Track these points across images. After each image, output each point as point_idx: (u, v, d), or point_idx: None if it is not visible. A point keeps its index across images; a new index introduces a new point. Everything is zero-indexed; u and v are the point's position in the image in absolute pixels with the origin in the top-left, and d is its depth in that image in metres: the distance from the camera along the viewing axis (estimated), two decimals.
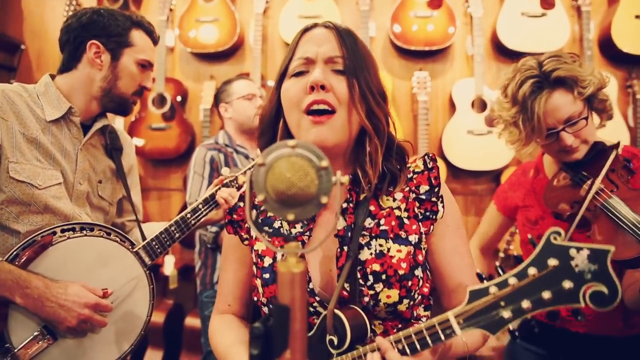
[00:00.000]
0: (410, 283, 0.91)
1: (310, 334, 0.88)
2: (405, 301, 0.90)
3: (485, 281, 0.73)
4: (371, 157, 0.94)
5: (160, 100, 3.08)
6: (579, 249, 0.66)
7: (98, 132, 1.46)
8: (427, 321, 0.77)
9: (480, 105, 2.94)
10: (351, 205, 0.97)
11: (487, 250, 1.79)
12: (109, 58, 1.38)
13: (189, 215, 1.49)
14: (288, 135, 0.97)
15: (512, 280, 0.69)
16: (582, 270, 0.66)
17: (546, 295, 0.67)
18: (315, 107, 0.89)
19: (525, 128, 1.39)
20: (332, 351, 0.84)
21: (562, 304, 0.67)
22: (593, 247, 0.65)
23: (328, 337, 0.83)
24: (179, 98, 3.14)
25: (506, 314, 0.69)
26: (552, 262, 0.67)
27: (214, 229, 2.06)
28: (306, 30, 0.98)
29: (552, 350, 1.53)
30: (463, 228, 1.04)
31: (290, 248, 0.46)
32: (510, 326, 1.31)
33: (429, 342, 0.75)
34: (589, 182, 1.35)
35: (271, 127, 0.99)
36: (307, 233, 0.97)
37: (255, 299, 1.00)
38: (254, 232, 1.04)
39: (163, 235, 1.44)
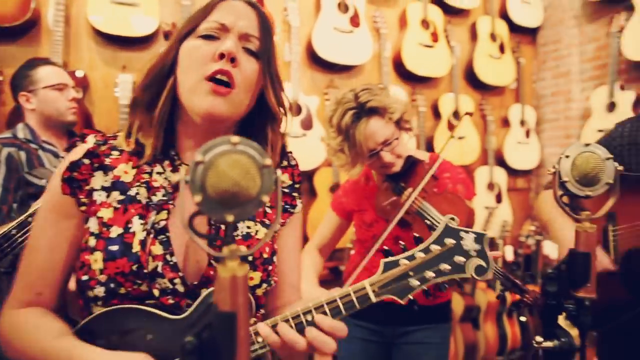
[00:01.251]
0: (270, 268, 0.94)
1: (184, 315, 0.82)
2: (264, 285, 0.92)
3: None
4: (273, 148, 0.95)
5: None
6: (467, 232, 0.81)
7: None
8: (341, 290, 0.81)
9: (296, 109, 3.11)
10: (174, 174, 0.93)
11: (325, 250, 1.95)
12: None
13: (14, 232, 1.17)
14: (174, 95, 0.90)
15: (419, 254, 0.82)
16: (469, 249, 0.83)
17: (444, 267, 0.82)
18: (219, 76, 0.84)
19: (350, 153, 1.61)
20: None
21: (455, 274, 0.82)
22: (477, 232, 0.81)
23: None
24: None
25: (413, 282, 0.82)
26: (449, 241, 0.82)
27: None
28: None
29: (379, 322, 1.79)
30: (301, 230, 1.10)
31: (231, 250, 0.44)
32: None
33: (342, 310, 0.80)
34: (407, 190, 1.61)
35: (158, 83, 0.89)
36: (172, 201, 0.89)
37: (85, 277, 0.84)
38: (98, 199, 0.89)
39: None
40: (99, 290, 0.83)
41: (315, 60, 3.27)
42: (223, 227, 0.91)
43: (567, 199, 0.73)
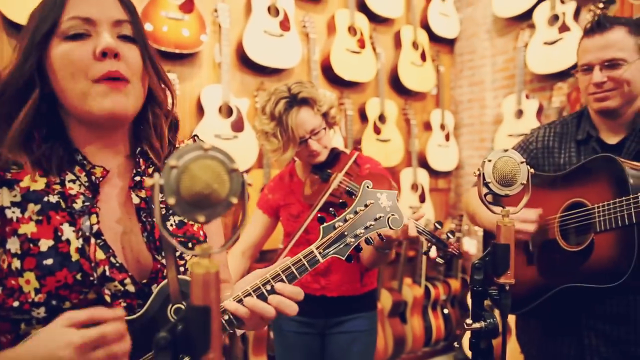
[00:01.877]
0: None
1: (139, 313, 0.82)
2: None
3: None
4: (157, 129, 0.94)
5: None
6: (381, 193, 0.97)
7: None
8: (292, 258, 0.90)
9: (227, 111, 3.10)
10: (144, 178, 0.93)
11: (253, 252, 2.02)
12: None
13: None
14: (49, 107, 0.84)
15: (349, 216, 0.96)
16: (385, 206, 0.99)
17: (369, 223, 0.97)
18: (108, 77, 0.82)
19: (282, 138, 1.73)
20: None
21: (378, 227, 0.96)
22: (388, 191, 0.98)
23: (173, 307, 0.81)
24: None
25: (349, 240, 0.95)
26: (369, 202, 0.98)
27: None
28: None
29: (312, 315, 1.89)
30: None
31: (203, 249, 0.46)
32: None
33: (297, 275, 0.90)
34: (334, 175, 1.75)
35: (22, 98, 0.82)
36: (96, 205, 0.86)
37: (16, 303, 0.77)
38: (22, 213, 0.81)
39: None
40: (38, 312, 0.78)
41: (245, 62, 3.27)
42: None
43: (491, 198, 0.84)
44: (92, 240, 0.82)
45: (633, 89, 1.42)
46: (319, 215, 0.95)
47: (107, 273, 0.82)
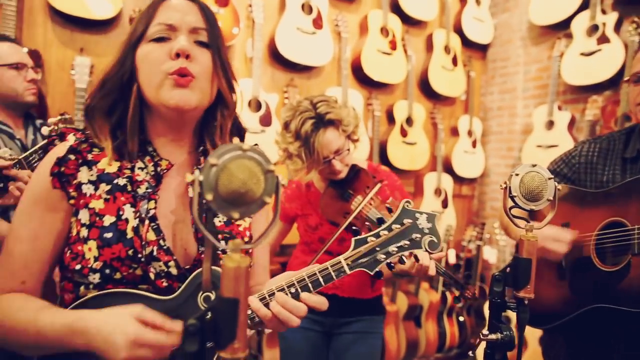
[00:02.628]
0: (250, 251, 1.03)
1: (173, 295, 0.88)
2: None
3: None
4: (222, 129, 1.02)
5: None
6: (421, 213, 0.96)
7: None
8: (320, 265, 0.92)
9: (256, 105, 3.14)
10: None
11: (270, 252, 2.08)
12: None
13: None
14: (140, 99, 0.96)
15: (383, 232, 0.96)
16: (423, 227, 0.98)
17: (404, 242, 0.96)
18: (179, 74, 0.91)
19: (307, 159, 1.72)
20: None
21: (413, 248, 0.96)
22: (428, 213, 0.96)
23: (203, 294, 0.86)
24: None
25: (380, 256, 0.94)
26: (407, 221, 0.97)
27: None
28: None
29: (321, 313, 1.89)
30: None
31: (235, 244, 0.49)
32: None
33: (322, 282, 0.92)
34: (357, 199, 1.75)
35: (119, 90, 0.96)
36: (156, 193, 0.96)
37: (79, 267, 0.88)
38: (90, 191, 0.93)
39: None
40: (94, 277, 0.88)
41: (276, 58, 3.30)
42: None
43: (518, 212, 0.84)
44: (146, 222, 0.92)
45: None
46: (353, 227, 0.96)
47: (155, 253, 0.91)
